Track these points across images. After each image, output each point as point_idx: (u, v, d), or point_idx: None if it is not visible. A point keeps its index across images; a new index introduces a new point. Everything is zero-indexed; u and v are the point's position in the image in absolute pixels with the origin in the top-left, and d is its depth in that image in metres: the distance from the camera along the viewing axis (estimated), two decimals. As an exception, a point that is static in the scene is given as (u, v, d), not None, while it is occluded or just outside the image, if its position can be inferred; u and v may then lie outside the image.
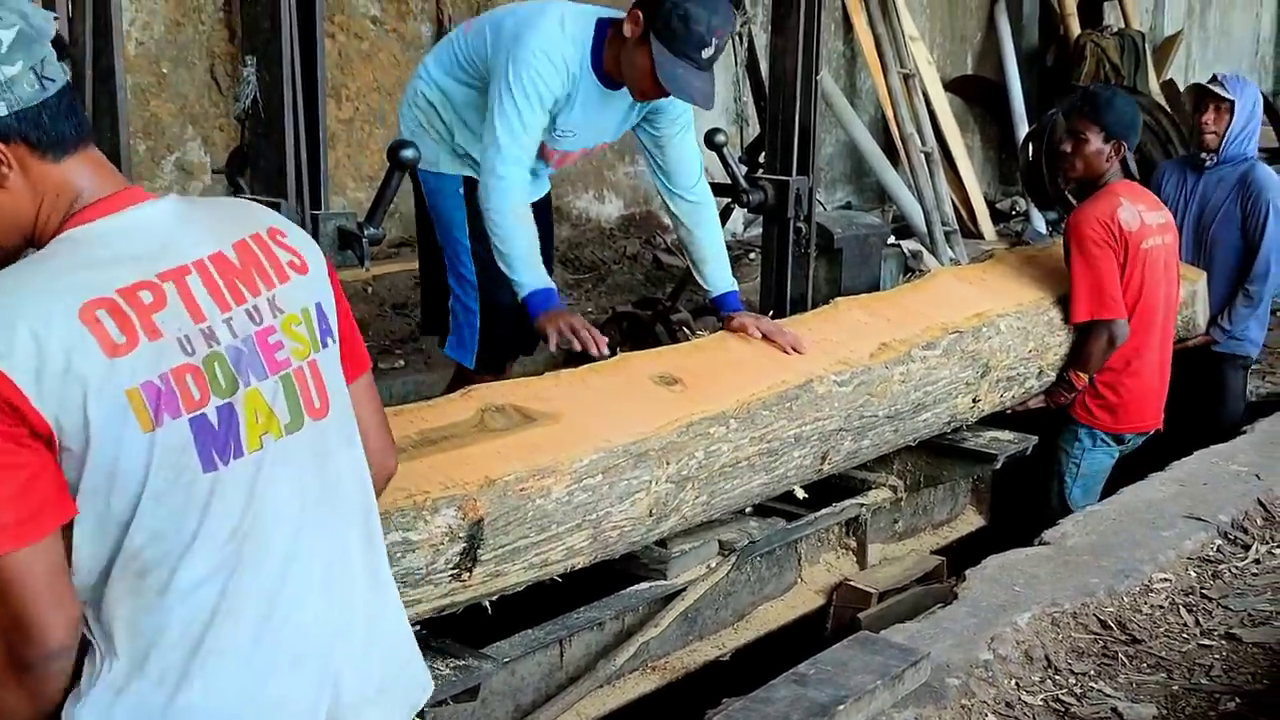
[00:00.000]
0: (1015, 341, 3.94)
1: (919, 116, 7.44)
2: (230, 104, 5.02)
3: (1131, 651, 2.71)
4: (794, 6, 4.07)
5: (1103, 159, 4.05)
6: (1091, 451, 4.13)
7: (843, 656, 2.32)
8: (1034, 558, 3.12)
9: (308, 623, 1.60)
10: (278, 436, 1.58)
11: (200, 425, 1.51)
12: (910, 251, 6.62)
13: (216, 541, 1.53)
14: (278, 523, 1.58)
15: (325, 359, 1.66)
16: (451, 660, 2.52)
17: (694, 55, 2.92)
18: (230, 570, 1.54)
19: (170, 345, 1.50)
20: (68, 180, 1.53)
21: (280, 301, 1.62)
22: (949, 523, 4.26)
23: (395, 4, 5.61)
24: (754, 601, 3.52)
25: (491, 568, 2.47)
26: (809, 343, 3.33)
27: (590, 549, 2.71)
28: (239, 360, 1.55)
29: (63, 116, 1.51)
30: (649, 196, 6.80)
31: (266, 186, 2.78)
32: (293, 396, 1.60)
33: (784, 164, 4.13)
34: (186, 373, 1.50)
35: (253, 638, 1.56)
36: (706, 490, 2.96)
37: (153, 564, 1.51)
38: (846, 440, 3.35)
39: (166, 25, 4.86)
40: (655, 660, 3.22)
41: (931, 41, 8.57)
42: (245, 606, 1.55)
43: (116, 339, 1.46)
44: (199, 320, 1.53)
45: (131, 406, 1.46)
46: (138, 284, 1.50)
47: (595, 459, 2.66)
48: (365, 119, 5.51)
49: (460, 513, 2.35)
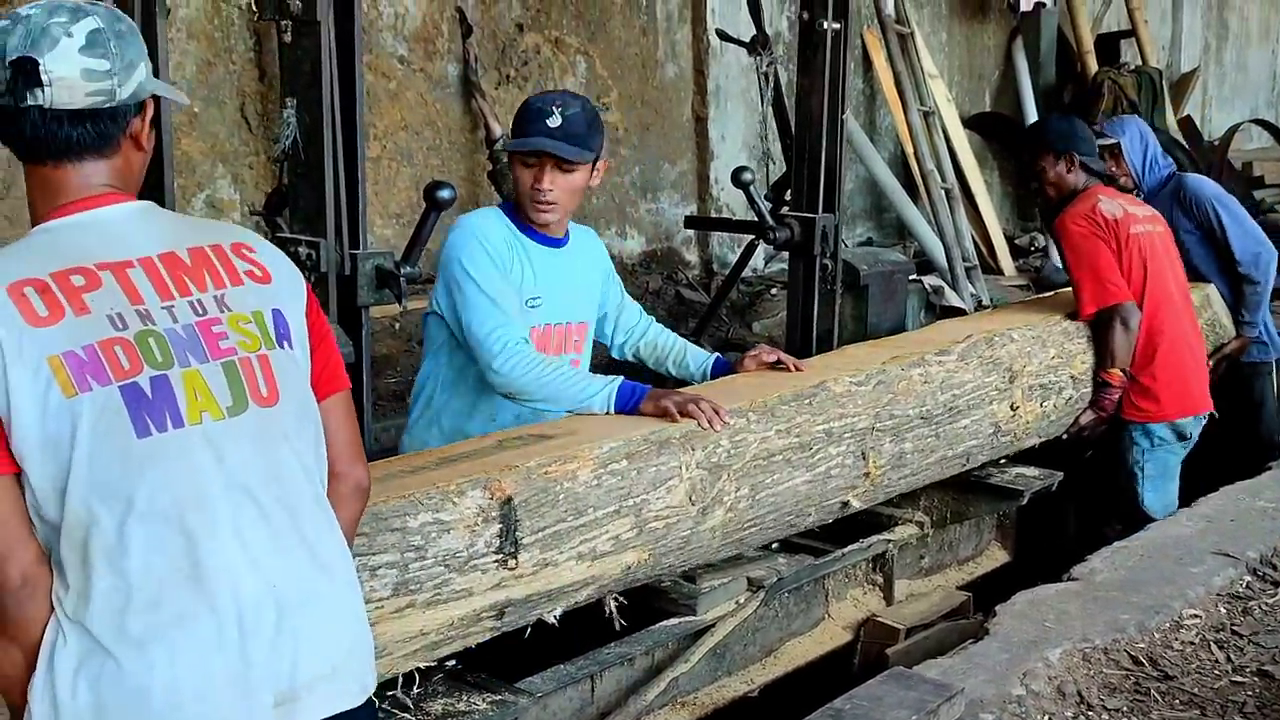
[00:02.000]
0: (1034, 348, 4.00)
1: (939, 153, 7.48)
2: (260, 143, 5.09)
3: (1164, 688, 2.71)
4: (820, 48, 4.13)
5: (1064, 174, 4.22)
6: (1153, 452, 4.16)
7: (878, 692, 2.34)
8: (1063, 593, 3.13)
9: (250, 594, 1.64)
10: (217, 417, 1.65)
11: (132, 393, 1.59)
12: (931, 287, 6.64)
13: (157, 507, 1.59)
14: (221, 495, 1.64)
15: (280, 357, 1.74)
16: (488, 695, 2.55)
17: (539, 125, 2.88)
18: (177, 538, 1.60)
19: (98, 320, 1.60)
20: (53, 180, 1.70)
21: (229, 300, 1.71)
22: (974, 559, 4.27)
23: (422, 44, 5.68)
24: (782, 637, 3.53)
25: (538, 554, 2.53)
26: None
27: (639, 541, 2.76)
28: (176, 341, 1.65)
29: (35, 131, 1.67)
30: (671, 232, 6.85)
31: (306, 226, 2.84)
32: (236, 382, 1.68)
33: (810, 201, 4.17)
34: (115, 344, 1.60)
35: (205, 606, 1.60)
36: (746, 482, 3.01)
37: (93, 529, 1.58)
38: (885, 441, 3.41)
39: (198, 65, 4.93)
40: (685, 696, 3.24)
41: (950, 79, 8.63)
42: (196, 575, 1.60)
43: (40, 311, 1.58)
44: (135, 302, 1.64)
45: (54, 373, 1.56)
46: (73, 269, 1.62)
47: (616, 446, 2.74)
48: (392, 157, 5.57)
49: (487, 492, 2.42)
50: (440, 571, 2.35)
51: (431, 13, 5.68)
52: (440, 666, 2.56)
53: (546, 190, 2.90)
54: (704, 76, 7.00)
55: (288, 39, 2.82)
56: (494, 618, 2.50)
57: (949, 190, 7.38)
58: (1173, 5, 11.04)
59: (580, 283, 3.16)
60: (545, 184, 2.88)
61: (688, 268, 6.89)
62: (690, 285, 6.62)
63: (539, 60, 6.13)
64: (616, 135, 6.52)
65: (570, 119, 2.88)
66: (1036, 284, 7.58)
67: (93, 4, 1.74)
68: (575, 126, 2.89)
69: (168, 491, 1.60)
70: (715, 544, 3.04)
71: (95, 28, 1.68)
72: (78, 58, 1.65)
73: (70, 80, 1.65)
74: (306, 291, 1.84)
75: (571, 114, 2.90)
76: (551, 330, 3.11)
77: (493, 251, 2.90)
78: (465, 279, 2.88)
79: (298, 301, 1.80)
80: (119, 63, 1.69)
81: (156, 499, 1.59)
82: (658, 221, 6.82)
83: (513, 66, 6.03)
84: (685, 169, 6.99)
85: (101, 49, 1.67)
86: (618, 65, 6.52)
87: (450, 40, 5.77)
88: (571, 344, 3.16)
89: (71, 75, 1.65)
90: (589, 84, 6.34)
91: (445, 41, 5.76)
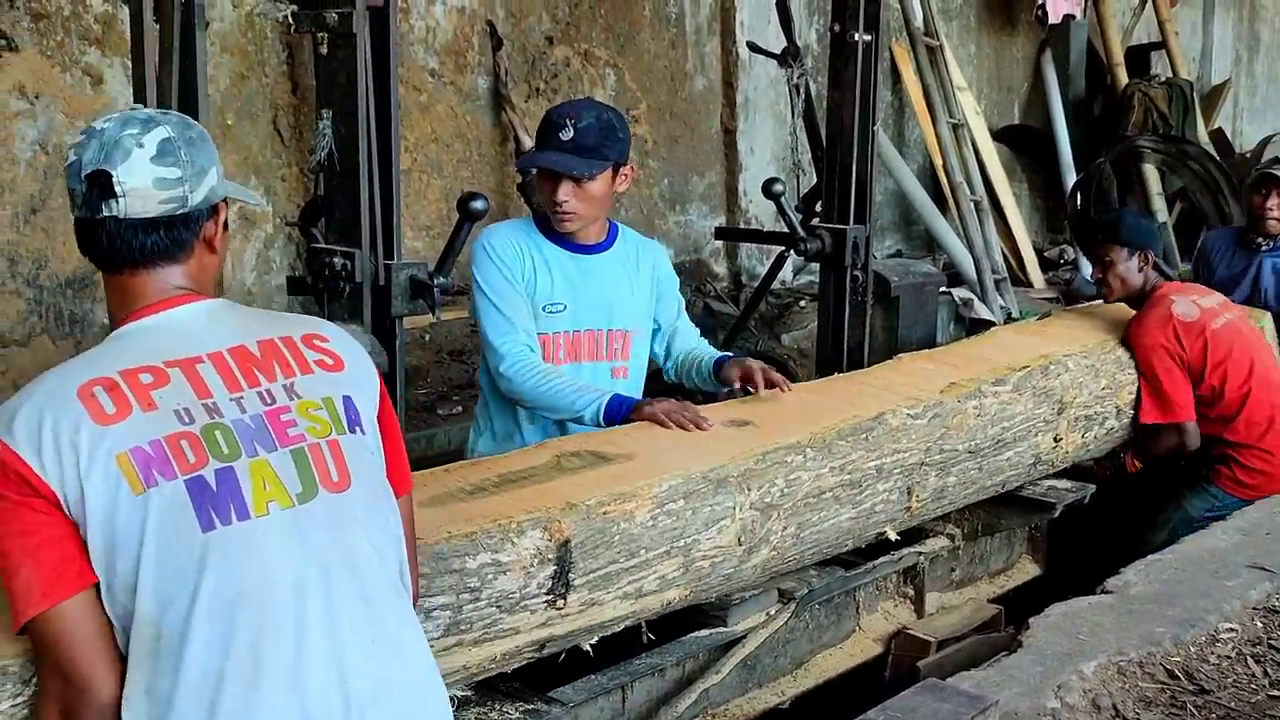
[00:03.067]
0: (1087, 379, 3.96)
1: (968, 165, 7.47)
2: (292, 155, 5.13)
3: (1200, 702, 2.69)
4: (851, 60, 4.13)
5: (1135, 273, 4.15)
6: (1214, 510, 4.07)
7: (911, 703, 2.33)
8: (1097, 606, 3.10)
9: (320, 688, 1.62)
10: (286, 505, 1.64)
11: (197, 486, 1.59)
12: (961, 300, 6.63)
13: (221, 602, 1.57)
14: (290, 588, 1.62)
15: (352, 442, 1.73)
16: (521, 704, 2.55)
17: (552, 139, 2.93)
18: (243, 633, 1.58)
19: (165, 415, 1.60)
20: (130, 287, 1.73)
21: (299, 389, 1.71)
22: (1006, 572, 4.25)
23: (453, 57, 5.71)
24: (813, 649, 3.52)
25: (586, 595, 2.51)
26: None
27: (684, 580, 2.74)
28: (244, 432, 1.64)
29: (112, 241, 1.70)
30: (699, 244, 6.86)
31: (341, 237, 2.86)
32: (305, 469, 1.67)
33: (841, 213, 4.17)
34: (181, 439, 1.60)
35: (266, 703, 1.58)
36: (794, 521, 2.98)
37: (162, 627, 1.56)
38: (931, 475, 3.38)
39: (232, 78, 4.97)
40: (716, 707, 3.23)
41: (979, 91, 8.62)
42: (259, 671, 1.58)
43: (108, 410, 1.58)
44: (203, 396, 1.64)
45: (122, 471, 1.56)
46: (142, 368, 1.63)
47: (675, 485, 2.71)
48: (423, 169, 5.60)
49: (546, 534, 2.40)
50: (492, 612, 2.33)
51: (462, 26, 5.72)
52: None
53: (563, 201, 2.95)
54: (733, 89, 7.01)
55: (324, 51, 2.84)
56: (534, 651, 2.50)
57: (978, 203, 7.36)
58: (1203, 17, 10.99)
59: (619, 290, 3.15)
60: (561, 196, 2.94)
61: (716, 280, 6.89)
62: (719, 297, 6.62)
63: (569, 73, 6.16)
64: (645, 147, 6.54)
65: (582, 131, 2.92)
66: (1066, 297, 7.55)
67: (164, 113, 1.78)
68: (587, 139, 2.92)
69: (231, 586, 1.58)
70: (754, 577, 3.02)
71: (166, 137, 1.71)
72: (150, 168, 1.68)
73: (143, 190, 1.68)
74: (379, 385, 1.83)
75: (584, 125, 2.93)
76: (582, 337, 3.11)
77: (499, 260, 2.97)
78: (476, 288, 2.97)
79: (370, 390, 1.80)
80: (190, 169, 1.71)
81: (220, 594, 1.57)
82: (686, 233, 6.82)
83: (543, 79, 6.05)
84: (714, 181, 7.00)
85: (173, 157, 1.70)
86: (647, 77, 6.54)
87: (481, 53, 5.80)
88: (610, 351, 3.16)
89: (144, 185, 1.68)
90: (618, 96, 6.36)
91: (476, 55, 5.79)
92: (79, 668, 1.56)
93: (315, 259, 2.87)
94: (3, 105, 4.33)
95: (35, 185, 4.42)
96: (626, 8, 6.38)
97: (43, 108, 4.40)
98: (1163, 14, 9.61)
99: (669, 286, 3.33)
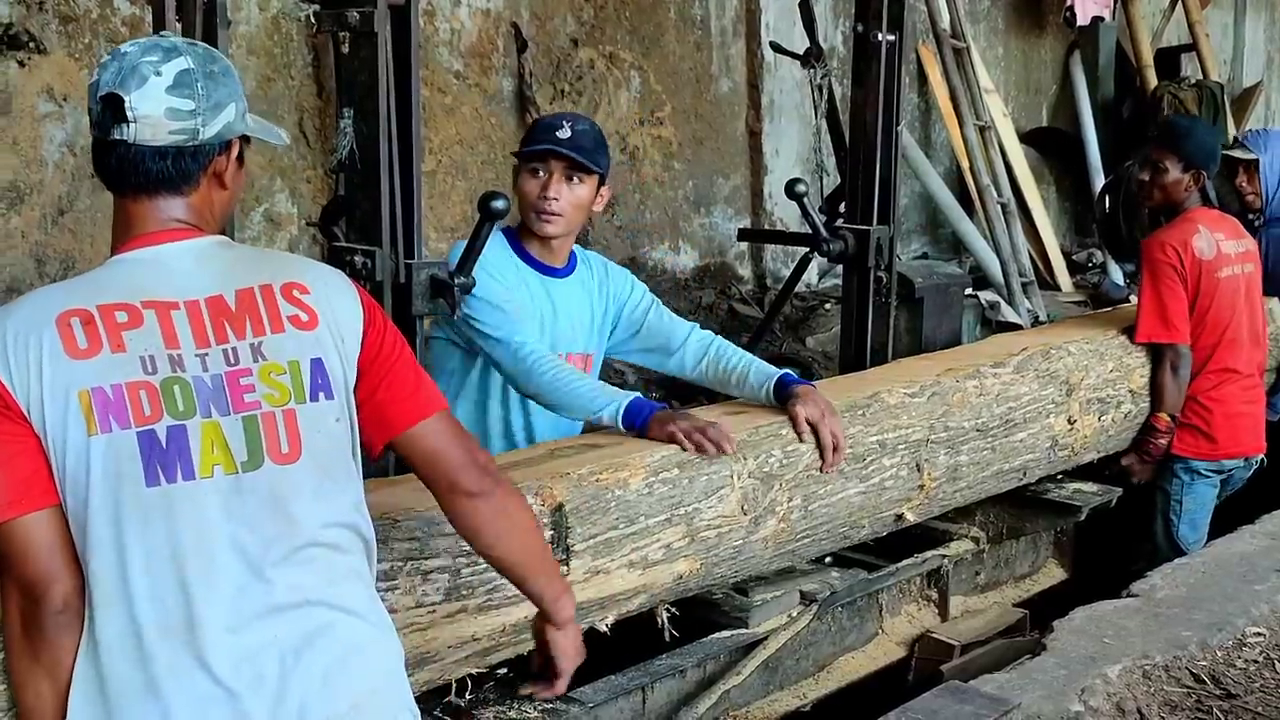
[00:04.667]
0: (1091, 362, 3.95)
1: (995, 168, 7.42)
2: (318, 157, 5.15)
3: (1226, 707, 2.66)
4: (874, 60, 4.11)
5: (1180, 188, 4.07)
6: (1191, 487, 4.09)
7: (933, 705, 2.31)
8: (1122, 610, 3.08)
9: (248, 647, 1.64)
10: (229, 471, 1.66)
11: (148, 440, 1.61)
12: (988, 302, 6.59)
13: (161, 557, 1.61)
14: (225, 551, 1.64)
15: (310, 412, 1.73)
16: (540, 703, 2.54)
17: (548, 137, 2.85)
18: (176, 592, 1.61)
19: (131, 360, 1.63)
20: (132, 212, 1.75)
21: (266, 349, 1.71)
22: (1031, 575, 4.22)
23: (478, 59, 5.72)
24: (835, 652, 3.51)
25: (590, 561, 2.53)
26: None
27: (691, 550, 2.75)
28: (202, 390, 1.66)
29: (120, 164, 1.72)
30: (724, 247, 6.84)
31: (362, 236, 2.86)
32: (255, 437, 1.68)
33: (865, 214, 4.15)
34: (141, 389, 1.62)
35: (196, 660, 1.61)
36: (799, 493, 2.99)
37: (103, 575, 1.61)
38: (940, 453, 3.38)
39: (258, 80, 4.99)
40: (736, 709, 3.22)
41: (1007, 94, 8.57)
42: (194, 628, 1.61)
43: (80, 344, 1.61)
44: (170, 346, 1.66)
45: (81, 409, 1.59)
46: (119, 304, 1.65)
47: (668, 454, 2.74)
48: (447, 171, 5.61)
49: (539, 499, 2.43)
50: (492, 576, 2.34)
51: (487, 28, 5.72)
52: (492, 674, 2.56)
53: (552, 199, 2.85)
54: (758, 91, 6.99)
55: (345, 50, 2.85)
56: (544, 624, 2.50)
57: (1005, 205, 7.32)
58: (1235, 19, 10.89)
59: (580, 314, 3.06)
60: (552, 191, 2.85)
61: (741, 282, 6.87)
62: (743, 300, 6.61)
63: (593, 75, 6.16)
64: (670, 149, 6.53)
65: (579, 133, 2.87)
66: (1094, 300, 7.50)
67: (191, 44, 1.79)
68: (584, 140, 2.87)
69: (170, 544, 1.61)
70: (767, 555, 3.02)
71: (185, 68, 1.72)
72: (164, 97, 1.70)
73: (154, 119, 1.70)
74: (365, 327, 1.81)
75: (581, 129, 2.88)
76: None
77: (493, 270, 2.87)
78: (474, 301, 2.84)
79: (350, 342, 1.79)
80: (205, 103, 1.73)
81: (158, 550, 1.61)
82: (711, 236, 6.81)
83: (567, 81, 6.06)
84: (739, 183, 6.98)
85: (188, 89, 1.71)
86: (672, 80, 6.53)
87: (505, 55, 5.81)
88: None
89: (155, 114, 1.70)
90: (643, 98, 6.36)
91: (500, 57, 5.80)
92: (39, 580, 1.61)
93: (336, 258, 2.87)
94: (31, 107, 4.36)
95: (63, 187, 4.45)
96: (651, 10, 6.37)
97: (70, 110, 4.42)
98: (1193, 16, 9.52)
99: (646, 312, 3.16)
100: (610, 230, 6.24)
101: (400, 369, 1.85)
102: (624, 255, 6.29)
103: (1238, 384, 4.11)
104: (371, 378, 1.81)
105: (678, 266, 6.59)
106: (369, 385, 1.82)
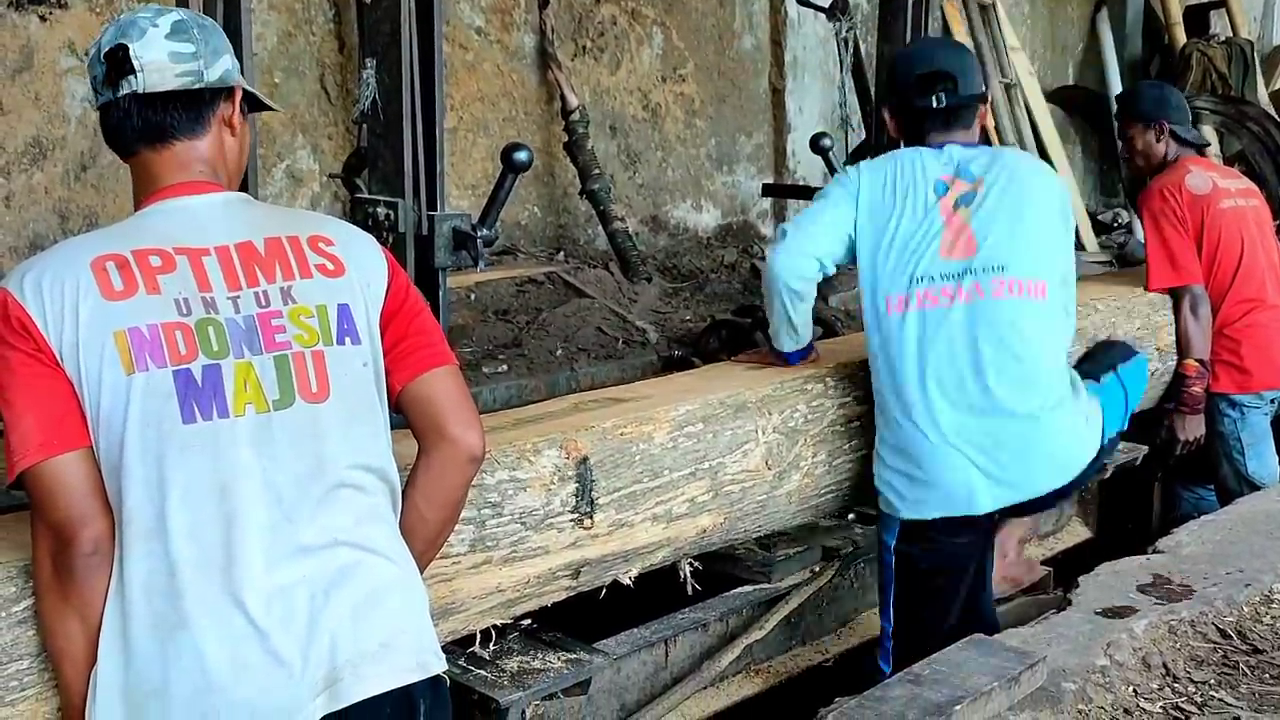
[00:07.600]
0: (1119, 319, 3.94)
1: (1020, 127, 7.35)
2: (339, 113, 5.12)
3: (1253, 662, 2.64)
4: (900, 14, 4.07)
5: (1153, 145, 4.18)
6: (1243, 421, 4.08)
7: (958, 658, 2.30)
8: (1148, 566, 3.06)
9: (281, 582, 1.65)
10: (261, 409, 1.68)
11: (184, 378, 1.64)
12: (1011, 262, 6.52)
13: (198, 492, 1.63)
14: (258, 487, 1.66)
15: (338, 354, 1.75)
16: (563, 653, 2.56)
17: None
18: (214, 526, 1.63)
19: (166, 302, 1.66)
20: (151, 165, 1.79)
21: (295, 293, 1.74)
22: (1055, 534, 4.21)
23: (499, 15, 5.68)
24: (857, 608, 3.50)
25: (614, 515, 2.53)
26: None
27: (715, 505, 2.75)
28: (235, 332, 1.68)
29: (130, 118, 1.77)
30: (746, 205, 6.80)
31: (384, 187, 2.85)
32: (286, 376, 1.70)
33: (889, 169, 4.10)
34: (177, 329, 1.65)
35: (231, 596, 1.62)
36: (824, 449, 2.98)
37: (138, 512, 1.62)
38: None
39: (279, 36, 4.97)
40: (759, 663, 3.23)
41: (1033, 51, 8.47)
42: (231, 562, 1.63)
43: (115, 285, 1.64)
44: (204, 289, 1.68)
45: (118, 349, 1.61)
46: (152, 249, 1.69)
47: (692, 409, 2.75)
48: (469, 128, 5.58)
49: (563, 452, 2.43)
50: (517, 529, 2.35)
51: (508, -16, 5.68)
52: (516, 625, 2.57)
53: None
54: (781, 48, 6.93)
55: (368, 1, 2.83)
56: (570, 577, 2.51)
57: (1031, 164, 7.24)
58: (1265, -25, 10.74)
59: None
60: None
61: (763, 241, 6.83)
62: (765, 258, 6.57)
63: (615, 31, 6.11)
64: (693, 107, 6.48)
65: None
66: (1120, 260, 7.43)
67: (179, 7, 1.90)
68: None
69: (206, 479, 1.63)
70: (791, 509, 3.02)
71: (179, 19, 1.80)
72: (165, 43, 1.76)
73: (159, 63, 1.75)
74: (389, 281, 1.84)
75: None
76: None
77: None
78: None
79: (376, 290, 1.82)
80: (204, 47, 1.79)
81: (195, 486, 1.63)
82: (733, 194, 6.77)
83: (589, 38, 6.01)
84: (761, 141, 6.93)
85: (186, 35, 1.78)
86: (694, 36, 6.47)
87: (527, 11, 5.76)
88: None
89: (160, 59, 1.76)
90: (665, 55, 6.31)
91: (522, 13, 5.75)
92: (70, 522, 1.62)
93: (359, 209, 2.86)
94: (53, 62, 4.35)
95: (85, 142, 4.45)
96: (674, -35, 6.32)
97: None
98: (1223, -28, 9.39)
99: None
100: (632, 188, 6.21)
101: (420, 323, 1.88)
102: (646, 214, 6.26)
103: (1265, 313, 4.09)
104: (395, 329, 1.84)
105: (700, 225, 6.55)
106: (392, 336, 1.84)
